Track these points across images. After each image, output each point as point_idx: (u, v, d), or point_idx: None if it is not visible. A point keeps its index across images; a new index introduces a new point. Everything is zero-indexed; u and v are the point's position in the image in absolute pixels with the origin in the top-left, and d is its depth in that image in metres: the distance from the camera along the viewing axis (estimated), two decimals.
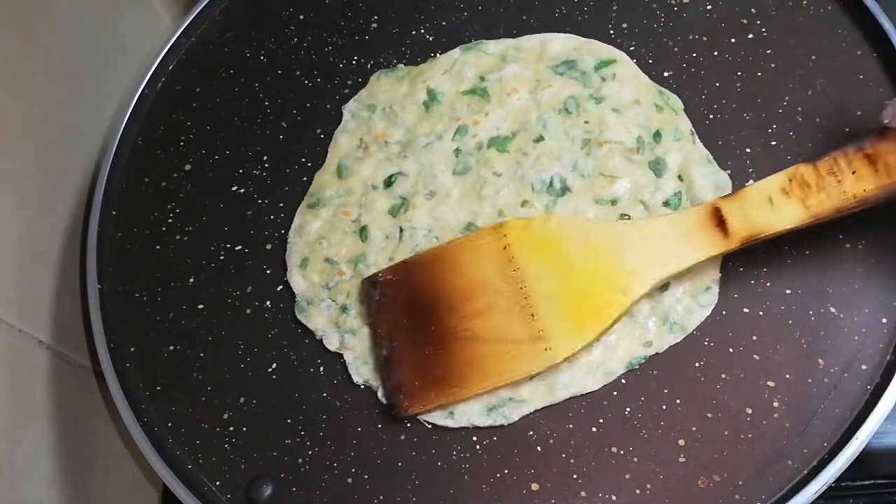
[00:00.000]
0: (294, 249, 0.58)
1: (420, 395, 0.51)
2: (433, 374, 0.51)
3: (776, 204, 0.47)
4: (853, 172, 0.46)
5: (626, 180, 0.55)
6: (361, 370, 0.54)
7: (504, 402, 0.51)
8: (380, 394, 0.53)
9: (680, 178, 0.55)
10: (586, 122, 0.58)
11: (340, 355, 0.55)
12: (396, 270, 0.54)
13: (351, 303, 0.56)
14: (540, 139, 0.58)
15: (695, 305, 0.52)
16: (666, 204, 0.54)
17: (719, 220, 0.49)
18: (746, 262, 0.53)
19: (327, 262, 0.57)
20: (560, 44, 0.61)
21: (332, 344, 0.55)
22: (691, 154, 0.56)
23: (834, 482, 0.47)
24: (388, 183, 0.59)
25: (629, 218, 0.54)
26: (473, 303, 0.51)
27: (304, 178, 0.61)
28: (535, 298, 0.50)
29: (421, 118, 0.60)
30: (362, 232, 0.58)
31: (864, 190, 0.46)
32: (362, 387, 0.54)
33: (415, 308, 0.53)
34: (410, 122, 0.61)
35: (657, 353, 0.52)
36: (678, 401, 0.50)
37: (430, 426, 0.52)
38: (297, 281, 0.57)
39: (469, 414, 0.52)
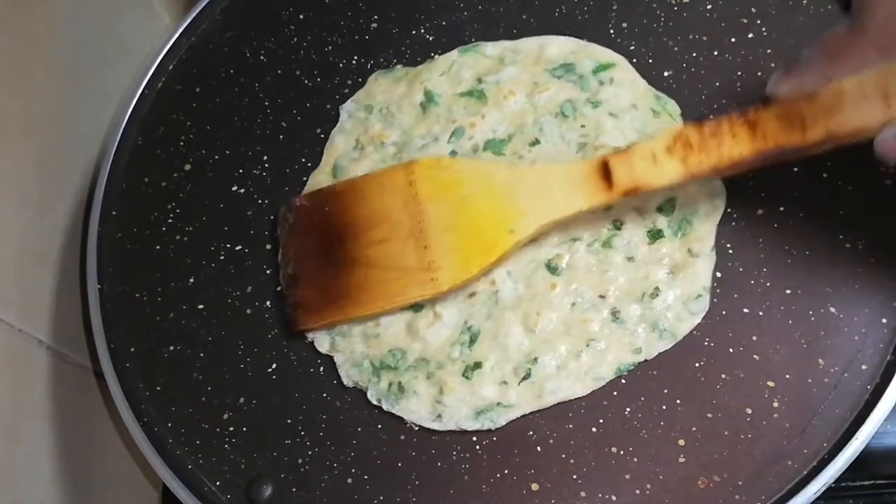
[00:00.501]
0: None
1: (315, 313, 0.55)
2: (330, 294, 0.55)
3: (659, 161, 0.49)
4: (733, 136, 0.47)
5: None
6: (351, 372, 0.54)
7: (492, 406, 0.51)
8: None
9: None
10: (583, 125, 0.57)
11: None
12: (312, 197, 0.58)
13: None
14: (536, 142, 0.57)
15: (685, 312, 0.52)
16: (659, 210, 0.54)
17: (606, 173, 0.50)
18: (746, 262, 0.53)
19: None
20: (558, 47, 0.61)
21: (322, 346, 0.55)
22: None
23: (834, 482, 0.47)
24: None
25: (621, 224, 0.54)
26: (375, 232, 0.55)
27: (304, 178, 0.61)
28: (431, 232, 0.54)
29: (417, 119, 0.60)
30: None
31: (740, 153, 0.47)
32: (357, 389, 0.54)
33: (323, 233, 0.56)
34: (407, 124, 0.60)
35: (646, 360, 0.52)
36: (678, 401, 0.50)
37: (417, 427, 0.52)
38: None
39: (457, 417, 0.52)
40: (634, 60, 0.60)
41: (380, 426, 0.53)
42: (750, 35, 0.59)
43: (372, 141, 0.60)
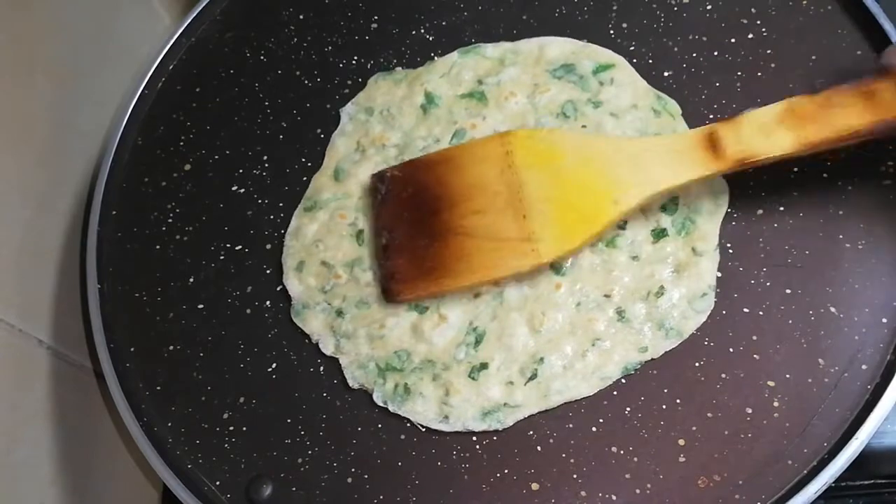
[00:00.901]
0: (290, 252, 0.58)
1: (412, 284, 0.54)
2: (426, 264, 0.53)
3: (770, 131, 0.49)
4: (848, 107, 0.47)
5: None
6: (356, 374, 0.54)
7: (499, 407, 0.52)
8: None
9: None
10: (584, 126, 0.57)
11: None
12: (404, 168, 0.57)
13: (346, 307, 0.56)
14: None
15: (690, 311, 0.52)
16: (663, 209, 0.54)
17: (714, 143, 0.50)
18: (746, 261, 0.53)
19: (323, 266, 0.57)
20: (558, 47, 0.61)
21: (327, 348, 0.55)
22: None
23: (834, 482, 0.47)
24: None
25: (625, 223, 0.54)
26: (471, 203, 0.54)
27: (304, 178, 0.61)
28: (529, 202, 0.52)
29: (418, 121, 0.60)
30: (359, 235, 0.58)
31: (856, 124, 0.47)
32: (360, 389, 0.54)
33: (416, 203, 0.55)
34: (408, 126, 0.60)
35: (652, 359, 0.52)
36: (678, 401, 0.50)
37: (423, 429, 0.52)
38: (294, 284, 0.57)
39: (464, 418, 0.52)
40: (634, 61, 0.60)
41: (380, 426, 0.53)
42: (750, 35, 0.59)
43: (373, 143, 0.60)
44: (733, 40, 0.59)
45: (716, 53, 0.59)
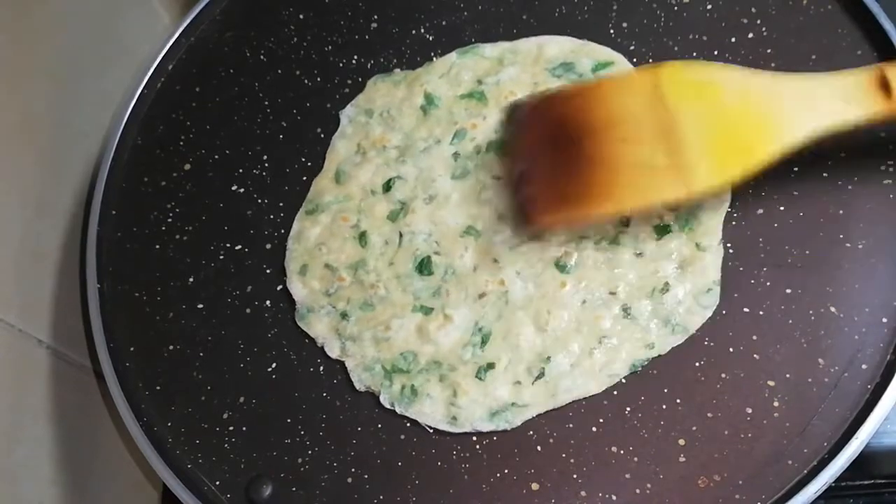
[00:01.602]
0: (293, 256, 0.58)
1: (553, 207, 0.51)
2: (568, 190, 0.51)
3: None
4: None
5: None
6: (363, 377, 0.54)
7: (507, 406, 0.51)
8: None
9: None
10: None
11: None
12: (541, 98, 0.55)
13: (351, 309, 0.56)
14: None
15: (696, 306, 0.52)
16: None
17: (883, 84, 0.47)
18: (747, 261, 0.53)
19: (327, 269, 0.57)
20: (557, 46, 0.61)
21: (333, 351, 0.55)
22: None
23: (834, 482, 0.47)
24: (387, 188, 0.59)
25: (628, 220, 0.54)
26: (616, 130, 0.51)
27: (304, 178, 0.61)
28: (682, 131, 0.49)
29: (419, 122, 0.60)
30: (362, 237, 0.58)
31: None
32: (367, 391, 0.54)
33: (556, 132, 0.52)
34: (408, 127, 0.60)
35: (659, 355, 0.52)
36: (678, 401, 0.50)
37: (430, 430, 0.52)
38: (297, 288, 0.57)
39: (472, 419, 0.52)
40: (634, 60, 0.60)
41: (380, 426, 0.53)
42: (750, 35, 0.59)
43: (374, 145, 0.60)
44: (733, 40, 0.59)
45: (716, 53, 0.59)
